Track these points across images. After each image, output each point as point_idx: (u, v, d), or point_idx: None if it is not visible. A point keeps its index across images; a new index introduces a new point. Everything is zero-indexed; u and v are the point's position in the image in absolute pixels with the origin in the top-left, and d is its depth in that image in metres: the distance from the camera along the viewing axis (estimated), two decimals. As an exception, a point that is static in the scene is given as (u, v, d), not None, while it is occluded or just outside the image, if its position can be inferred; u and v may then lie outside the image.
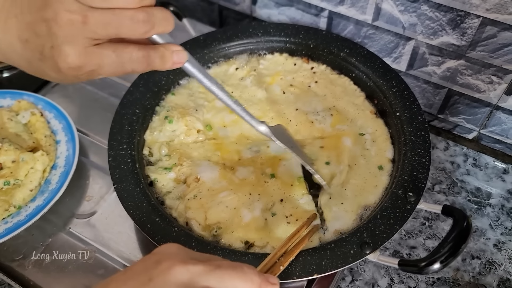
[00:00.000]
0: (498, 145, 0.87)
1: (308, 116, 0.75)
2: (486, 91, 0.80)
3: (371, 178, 0.67)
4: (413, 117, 0.69)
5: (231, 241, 0.61)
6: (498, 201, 0.80)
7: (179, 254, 0.39)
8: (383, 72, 0.76)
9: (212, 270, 0.37)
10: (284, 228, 0.62)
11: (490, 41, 0.73)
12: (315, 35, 0.82)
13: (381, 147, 0.71)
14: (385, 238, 0.55)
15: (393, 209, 0.59)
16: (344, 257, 0.55)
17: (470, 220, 0.50)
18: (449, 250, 0.48)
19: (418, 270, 0.49)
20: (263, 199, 0.65)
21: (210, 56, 0.82)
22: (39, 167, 0.69)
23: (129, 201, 0.61)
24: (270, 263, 0.50)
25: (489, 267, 0.73)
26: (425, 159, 0.63)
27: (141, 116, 0.71)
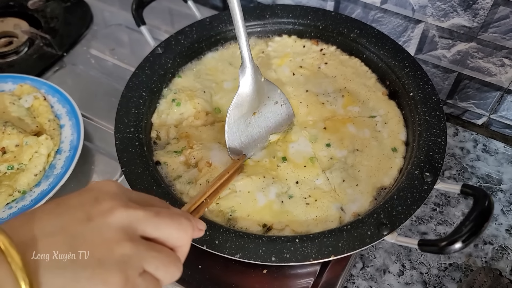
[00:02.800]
0: (508, 130, 0.86)
1: (319, 98, 0.74)
2: (498, 74, 0.79)
3: (385, 160, 0.66)
4: (427, 97, 0.68)
5: (248, 225, 0.59)
6: (509, 186, 0.79)
7: (118, 195, 0.37)
8: (395, 53, 0.74)
9: (151, 217, 0.36)
10: (304, 209, 0.61)
11: (503, 22, 0.72)
12: (323, 16, 0.80)
13: (394, 129, 0.70)
14: (402, 218, 0.54)
15: (410, 189, 0.58)
16: (361, 238, 0.53)
17: (491, 199, 0.49)
18: (471, 229, 0.47)
19: (439, 250, 0.48)
20: (278, 183, 0.63)
21: (217, 39, 0.80)
22: (43, 151, 0.67)
23: (138, 184, 0.59)
24: (197, 203, 0.49)
25: (501, 252, 0.72)
26: (441, 139, 0.62)
27: (148, 99, 0.70)
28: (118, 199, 0.36)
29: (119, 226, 0.35)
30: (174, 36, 0.77)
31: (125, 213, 0.35)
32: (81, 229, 0.34)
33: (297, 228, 0.59)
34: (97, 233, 0.34)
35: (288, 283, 0.59)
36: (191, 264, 0.60)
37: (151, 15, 0.95)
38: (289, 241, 0.54)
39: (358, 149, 0.68)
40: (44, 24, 0.93)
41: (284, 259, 0.52)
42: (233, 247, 0.53)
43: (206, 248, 0.54)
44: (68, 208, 0.35)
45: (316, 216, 0.60)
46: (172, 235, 0.37)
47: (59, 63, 0.89)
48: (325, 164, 0.67)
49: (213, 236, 0.54)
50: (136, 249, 0.34)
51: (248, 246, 0.53)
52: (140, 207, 0.36)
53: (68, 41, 0.91)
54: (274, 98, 0.68)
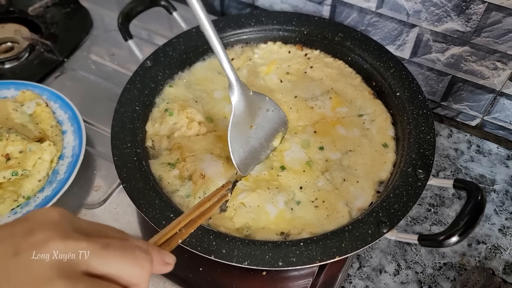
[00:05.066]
0: (501, 131, 0.88)
1: (308, 102, 0.76)
2: (490, 78, 0.81)
3: (378, 155, 0.69)
4: (413, 96, 0.70)
5: (266, 236, 0.60)
6: (502, 187, 0.81)
7: (59, 224, 0.31)
8: (379, 54, 0.77)
9: (97, 250, 0.31)
10: (314, 212, 0.62)
11: (495, 26, 0.73)
12: (307, 21, 0.82)
13: (382, 126, 0.73)
14: (400, 215, 0.57)
15: (405, 187, 0.60)
16: (363, 237, 0.55)
17: (484, 192, 0.51)
18: (467, 222, 0.49)
19: (438, 243, 0.50)
20: (283, 191, 0.65)
21: (204, 49, 0.81)
22: (46, 157, 0.68)
23: (140, 199, 0.59)
24: (170, 234, 0.43)
25: (494, 252, 0.74)
26: (430, 136, 0.65)
27: (142, 113, 0.71)
28: (57, 229, 0.31)
29: (54, 262, 0.29)
30: (162, 48, 0.78)
31: (62, 245, 0.30)
32: (6, 265, 0.29)
33: (313, 229, 0.60)
34: (25, 270, 0.29)
35: (287, 284, 0.61)
36: (192, 267, 0.61)
37: (150, 19, 0.97)
38: (294, 245, 0.55)
39: (351, 149, 0.70)
40: (45, 30, 0.94)
41: (291, 263, 0.54)
42: (241, 255, 0.54)
43: (214, 258, 0.54)
44: None
45: (328, 215, 0.62)
46: (123, 271, 0.32)
47: (59, 69, 0.90)
48: (323, 166, 0.69)
49: (220, 245, 0.55)
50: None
51: (255, 253, 0.54)
52: (84, 238, 0.31)
53: (68, 47, 0.92)
54: (265, 106, 0.69)
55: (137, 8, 0.75)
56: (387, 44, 0.88)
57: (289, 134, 0.72)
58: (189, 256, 0.59)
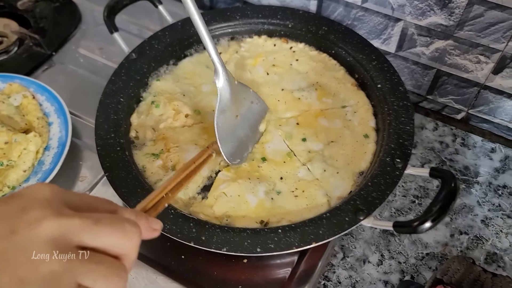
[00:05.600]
0: (486, 124, 0.89)
1: (294, 94, 0.77)
2: (474, 71, 0.81)
3: (359, 146, 0.70)
4: (394, 88, 0.71)
5: (245, 225, 0.61)
6: (485, 179, 0.81)
7: (51, 201, 0.32)
8: (362, 47, 0.78)
9: (89, 225, 0.32)
10: (294, 201, 0.63)
11: (477, 20, 0.74)
12: (292, 15, 0.83)
13: (364, 117, 0.74)
14: (377, 203, 0.58)
15: (383, 175, 0.61)
16: (340, 224, 0.56)
17: (457, 180, 0.52)
18: (440, 209, 0.50)
19: (412, 229, 0.51)
20: (264, 182, 0.65)
21: (190, 42, 0.82)
22: (32, 148, 0.69)
23: (123, 188, 0.60)
24: (157, 198, 0.45)
25: (476, 242, 0.75)
26: (409, 126, 0.66)
27: (126, 105, 0.71)
28: (50, 206, 0.32)
29: (49, 238, 0.30)
30: (147, 41, 0.79)
31: (56, 223, 0.31)
32: (4, 244, 0.30)
33: (292, 218, 0.61)
34: (21, 249, 0.30)
35: (268, 272, 0.62)
36: (174, 255, 0.62)
37: (139, 13, 0.97)
38: (272, 232, 0.56)
39: (333, 140, 0.71)
40: (34, 24, 0.95)
41: (269, 249, 0.54)
42: (220, 242, 0.55)
43: (193, 244, 0.55)
44: None
45: (307, 205, 0.63)
46: (114, 244, 0.33)
47: (48, 62, 0.91)
48: (305, 157, 0.69)
49: (200, 232, 0.56)
50: (68, 264, 0.30)
51: (234, 240, 0.55)
52: (76, 215, 0.32)
53: (57, 40, 0.93)
54: (249, 98, 0.70)
55: (122, 2, 0.76)
56: (373, 38, 0.89)
57: (273, 127, 0.73)
58: (172, 244, 0.60)
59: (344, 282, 0.71)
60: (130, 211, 0.37)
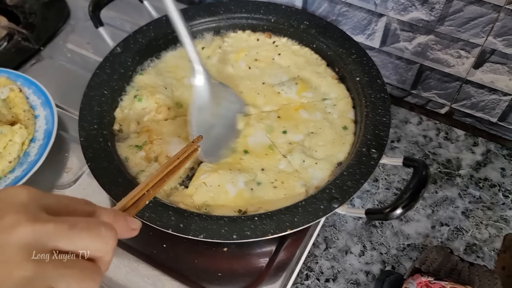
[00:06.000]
0: (469, 119, 0.90)
1: (275, 88, 0.78)
2: (455, 66, 0.83)
3: (338, 138, 0.71)
4: (372, 81, 0.73)
5: (224, 213, 0.61)
6: (467, 172, 0.83)
7: (27, 205, 0.32)
8: (342, 41, 0.79)
9: (64, 230, 0.32)
10: (272, 192, 0.65)
11: (457, 15, 0.75)
12: (275, 10, 0.84)
13: (343, 109, 0.75)
14: (352, 192, 0.59)
15: (359, 165, 0.62)
16: (315, 212, 0.57)
17: (428, 169, 0.54)
18: (410, 196, 0.52)
19: (384, 216, 0.53)
20: (244, 173, 0.66)
21: (174, 36, 0.81)
22: (17, 140, 0.70)
23: (104, 177, 0.61)
24: (138, 195, 0.45)
25: (457, 233, 0.76)
26: (386, 118, 0.67)
27: (110, 97, 0.72)
28: (25, 211, 0.32)
29: (23, 244, 0.31)
30: (132, 36, 0.80)
31: (30, 228, 0.31)
32: None
33: (270, 207, 0.62)
34: None
35: (247, 260, 0.63)
36: (156, 243, 0.63)
37: (127, 9, 0.99)
38: (249, 220, 0.57)
39: (313, 131, 0.72)
40: (23, 19, 0.96)
41: (245, 236, 0.55)
42: (197, 229, 0.56)
43: (171, 231, 0.56)
44: None
45: (285, 195, 0.64)
46: (89, 247, 0.33)
47: (36, 57, 0.92)
48: (285, 149, 0.70)
49: (178, 220, 0.57)
50: (41, 269, 0.30)
51: (211, 227, 0.56)
52: (51, 220, 0.32)
53: (45, 35, 0.94)
54: (227, 97, 0.71)
55: (107, -4, 0.77)
56: (357, 34, 0.90)
57: (255, 121, 0.74)
58: (154, 233, 0.61)
59: (326, 272, 0.72)
60: (108, 212, 0.37)
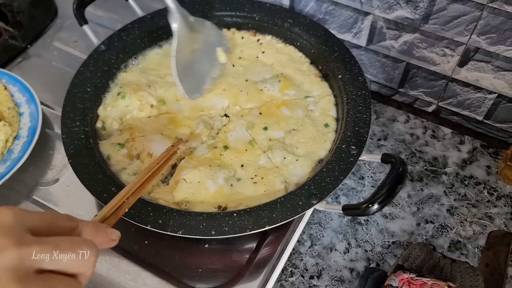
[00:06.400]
0: (455, 117, 0.90)
1: (258, 85, 0.78)
2: (441, 64, 0.83)
3: (319, 135, 0.71)
4: (354, 78, 0.73)
5: (203, 209, 0.62)
6: (453, 170, 0.83)
7: (12, 228, 0.34)
8: (325, 39, 0.79)
9: (48, 252, 0.34)
10: (252, 188, 0.65)
11: (441, 13, 0.76)
12: (259, 8, 0.84)
13: (325, 107, 0.75)
14: (330, 188, 0.59)
15: (338, 162, 0.62)
16: (293, 208, 0.57)
17: (405, 165, 0.54)
18: (386, 192, 0.52)
19: (361, 212, 0.53)
20: (224, 169, 0.67)
21: (159, 34, 0.83)
22: (1, 137, 0.70)
23: (85, 174, 0.61)
24: (118, 204, 0.47)
25: (441, 231, 0.76)
26: (366, 115, 0.67)
27: (93, 95, 0.72)
28: (10, 234, 0.33)
29: (9, 267, 0.32)
30: (116, 33, 0.80)
31: (16, 252, 0.33)
32: None
33: (250, 203, 0.62)
34: None
35: (227, 257, 0.63)
36: (138, 240, 0.63)
37: (115, 7, 0.99)
38: (227, 216, 0.57)
39: (294, 128, 0.72)
40: (11, 18, 0.96)
41: (223, 232, 0.56)
42: (176, 225, 0.56)
43: (150, 227, 0.56)
44: None
45: (265, 191, 0.64)
46: (71, 266, 0.36)
47: (22, 55, 0.92)
48: (265, 145, 0.70)
49: (157, 216, 0.57)
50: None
51: (190, 223, 0.56)
52: (36, 242, 0.34)
53: (32, 34, 0.94)
54: (205, 31, 0.73)
55: (91, -6, 0.77)
56: (344, 32, 0.90)
57: (235, 117, 0.75)
58: (135, 230, 0.61)
59: (310, 270, 0.73)
60: (89, 226, 0.39)
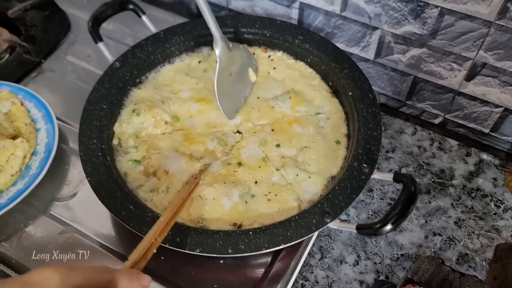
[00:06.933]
0: (462, 129, 0.91)
1: (269, 102, 0.80)
2: (448, 78, 0.84)
3: (330, 152, 0.72)
4: (364, 95, 0.74)
5: (219, 227, 0.63)
6: (460, 182, 0.84)
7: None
8: (335, 56, 0.80)
9: None
10: (266, 205, 0.66)
11: (449, 29, 0.77)
12: (270, 25, 0.86)
13: (336, 124, 0.76)
14: (343, 206, 0.60)
15: (350, 180, 0.63)
16: (307, 226, 0.59)
17: (417, 184, 0.55)
18: (399, 212, 0.53)
19: (374, 231, 0.54)
20: (239, 185, 0.68)
21: (172, 50, 0.84)
22: (19, 153, 0.72)
23: (103, 192, 0.63)
24: (145, 249, 0.51)
25: (449, 243, 0.77)
26: (377, 132, 0.68)
27: (109, 111, 0.74)
28: None
29: None
30: (130, 50, 0.82)
31: None
32: None
33: (264, 221, 0.64)
34: None
35: (242, 272, 0.64)
36: (154, 256, 0.65)
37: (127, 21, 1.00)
38: (243, 234, 0.58)
39: (306, 146, 0.73)
40: (24, 32, 0.97)
41: (239, 250, 0.57)
42: (193, 243, 0.58)
43: (168, 246, 0.58)
44: None
45: (279, 208, 0.66)
46: None
47: (37, 70, 0.94)
48: (278, 163, 0.72)
49: (175, 234, 0.58)
50: None
51: (207, 241, 0.58)
52: None
53: (46, 48, 0.95)
54: (240, 53, 0.76)
55: (106, 12, 0.79)
56: (352, 46, 0.92)
57: (248, 133, 0.76)
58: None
59: (321, 282, 0.74)
60: (124, 276, 0.42)
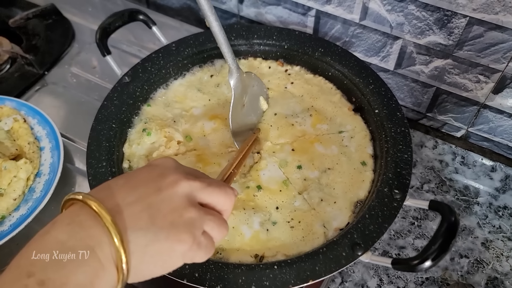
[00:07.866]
0: (486, 143, 0.87)
1: (288, 119, 0.75)
2: (474, 90, 0.80)
3: (356, 174, 0.67)
4: (392, 114, 0.69)
5: (239, 259, 0.59)
6: (486, 199, 0.80)
7: (178, 168, 0.45)
8: (359, 70, 0.75)
9: (205, 187, 0.44)
10: (289, 233, 0.61)
11: (477, 40, 0.73)
12: (288, 36, 0.81)
13: (361, 143, 0.71)
14: (375, 237, 0.55)
15: (381, 207, 0.59)
16: (337, 260, 0.54)
17: (457, 215, 0.50)
18: (439, 246, 0.48)
19: (411, 268, 0.49)
20: (259, 212, 0.64)
21: (184, 63, 0.80)
22: (22, 176, 0.67)
23: None
24: (227, 174, 0.58)
25: (477, 266, 0.73)
26: (407, 154, 0.63)
27: (118, 131, 0.69)
28: (179, 172, 0.44)
29: (184, 195, 0.42)
30: (140, 64, 0.77)
31: (187, 184, 0.43)
32: (155, 198, 0.41)
33: (288, 251, 0.59)
34: (168, 201, 0.41)
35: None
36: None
37: (135, 31, 0.96)
38: (267, 268, 0.54)
39: (329, 167, 0.68)
40: (26, 41, 0.93)
41: (264, 286, 0.53)
42: (213, 279, 0.53)
43: (186, 282, 0.54)
44: (141, 182, 0.42)
45: (303, 237, 0.61)
46: (220, 201, 0.45)
47: (40, 82, 0.89)
48: (300, 186, 0.67)
49: (193, 269, 0.54)
50: (198, 213, 0.42)
51: (228, 277, 0.54)
52: (196, 179, 0.44)
53: (49, 59, 0.91)
54: (251, 83, 0.74)
55: (115, 23, 0.74)
56: (371, 56, 0.87)
57: (267, 153, 0.71)
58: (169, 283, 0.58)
59: (342, 308, 0.70)
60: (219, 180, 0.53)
